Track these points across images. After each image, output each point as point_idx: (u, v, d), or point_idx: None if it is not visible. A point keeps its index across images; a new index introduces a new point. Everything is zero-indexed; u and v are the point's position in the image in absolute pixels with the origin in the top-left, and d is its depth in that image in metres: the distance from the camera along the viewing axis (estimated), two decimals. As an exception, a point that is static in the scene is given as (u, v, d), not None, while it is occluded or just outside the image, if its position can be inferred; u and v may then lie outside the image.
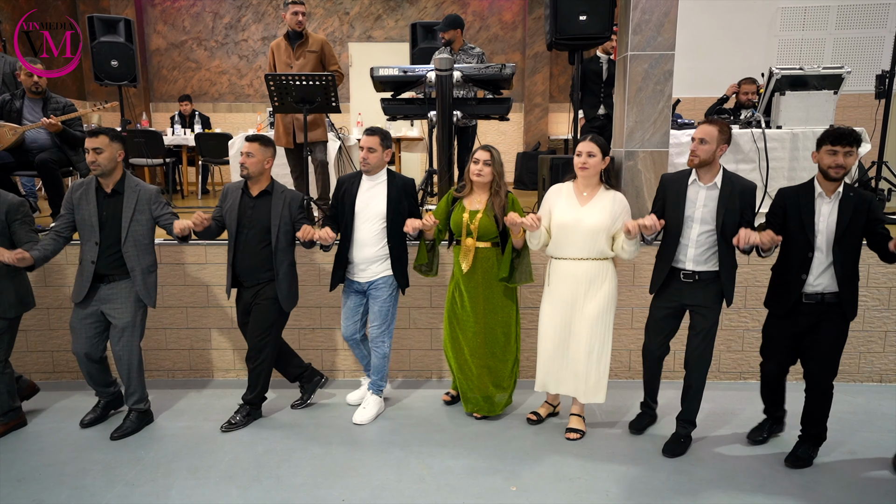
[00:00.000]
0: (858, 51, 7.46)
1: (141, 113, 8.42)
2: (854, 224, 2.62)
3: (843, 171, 2.60)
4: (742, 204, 2.76)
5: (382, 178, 3.23)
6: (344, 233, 3.24)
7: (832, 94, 4.32)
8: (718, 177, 2.80)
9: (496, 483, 2.76)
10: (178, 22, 9.00)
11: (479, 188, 3.16)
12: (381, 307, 3.27)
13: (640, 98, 3.87)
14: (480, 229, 3.11)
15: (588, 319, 2.98)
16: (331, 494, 2.68)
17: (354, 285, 3.30)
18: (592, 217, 2.91)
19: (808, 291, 2.71)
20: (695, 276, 2.83)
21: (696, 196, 2.82)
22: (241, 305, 3.30)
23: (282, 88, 4.04)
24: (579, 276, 2.97)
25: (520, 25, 9.04)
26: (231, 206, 3.19)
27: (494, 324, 3.22)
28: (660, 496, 2.66)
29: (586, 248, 2.94)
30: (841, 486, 2.73)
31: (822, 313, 2.71)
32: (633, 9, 3.78)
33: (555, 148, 8.89)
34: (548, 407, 3.39)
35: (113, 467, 2.90)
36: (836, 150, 2.59)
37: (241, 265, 3.19)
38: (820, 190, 2.68)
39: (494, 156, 3.12)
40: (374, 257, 3.21)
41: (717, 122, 2.79)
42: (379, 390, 3.43)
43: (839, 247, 2.64)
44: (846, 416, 3.34)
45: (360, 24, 9.01)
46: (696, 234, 2.80)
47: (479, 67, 4.16)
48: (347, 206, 3.21)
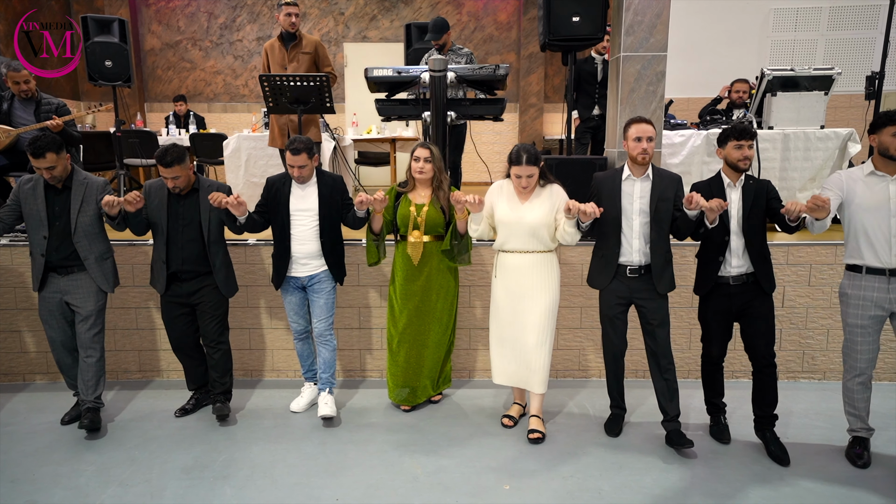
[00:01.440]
0: (850, 52, 7.52)
1: (135, 113, 8.40)
2: (757, 206, 2.88)
3: (749, 163, 2.88)
4: (673, 191, 2.96)
5: (313, 177, 3.37)
6: (281, 231, 3.35)
7: (823, 95, 4.36)
8: (649, 169, 2.99)
9: (489, 482, 2.78)
10: (173, 22, 8.99)
11: (422, 184, 3.33)
12: (327, 300, 3.40)
13: (632, 99, 3.90)
14: (428, 221, 3.27)
15: (536, 313, 3.08)
16: (325, 494, 2.70)
17: (294, 281, 3.39)
18: (532, 214, 3.04)
19: (733, 274, 2.91)
20: (640, 269, 2.98)
21: (633, 189, 2.98)
22: (175, 297, 3.34)
23: (276, 89, 4.05)
24: (525, 268, 3.10)
25: (514, 26, 9.07)
26: (158, 205, 3.27)
27: (432, 318, 3.39)
28: (650, 494, 2.68)
29: (530, 242, 3.08)
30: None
31: (750, 293, 2.92)
32: (625, 10, 3.81)
33: (549, 148, 8.91)
34: (518, 408, 3.41)
35: (107, 468, 2.91)
36: (742, 145, 2.86)
37: (175, 260, 3.27)
38: (728, 181, 2.93)
39: (434, 152, 3.30)
40: (313, 252, 3.34)
41: (649, 120, 2.99)
42: (332, 386, 3.48)
43: (748, 228, 2.88)
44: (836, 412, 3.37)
45: (355, 24, 9.02)
46: (638, 225, 2.97)
47: (473, 68, 4.17)
48: (282, 205, 3.32)
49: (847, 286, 2.86)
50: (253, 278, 3.92)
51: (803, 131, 4.42)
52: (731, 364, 3.95)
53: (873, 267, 2.74)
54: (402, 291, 3.38)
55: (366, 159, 7.55)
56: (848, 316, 2.85)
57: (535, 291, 3.09)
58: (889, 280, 2.72)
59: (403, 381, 3.46)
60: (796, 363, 3.93)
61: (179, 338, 3.42)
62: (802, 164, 4.46)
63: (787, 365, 3.93)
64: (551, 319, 3.12)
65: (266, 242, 3.91)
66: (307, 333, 3.52)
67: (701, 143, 4.49)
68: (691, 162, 4.51)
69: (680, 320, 3.85)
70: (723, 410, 3.20)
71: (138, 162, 6.33)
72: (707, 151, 4.48)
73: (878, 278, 2.74)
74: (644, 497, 2.66)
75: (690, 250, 3.78)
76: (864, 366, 2.84)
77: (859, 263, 2.78)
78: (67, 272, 3.22)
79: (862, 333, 2.81)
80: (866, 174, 2.75)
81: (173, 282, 3.31)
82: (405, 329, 3.39)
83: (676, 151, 4.52)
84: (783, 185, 4.40)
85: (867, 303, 2.78)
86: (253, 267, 3.92)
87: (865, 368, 2.84)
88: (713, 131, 4.50)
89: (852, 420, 2.95)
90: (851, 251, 2.82)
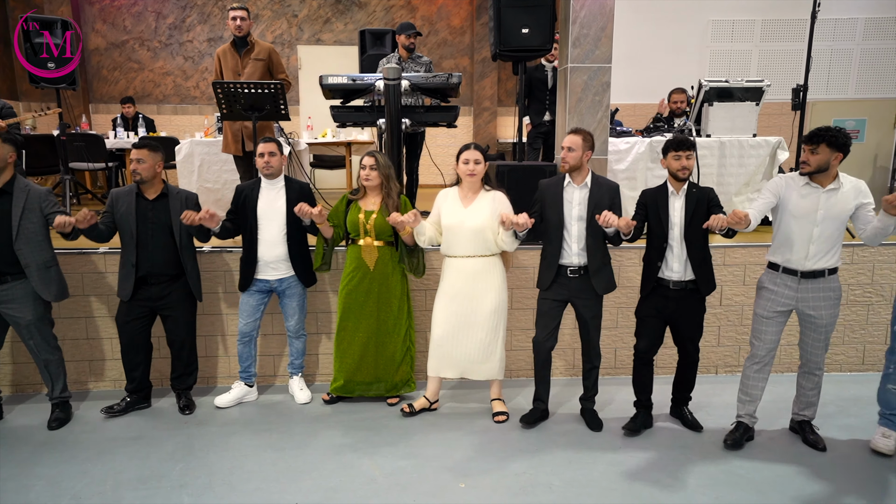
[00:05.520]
0: (781, 62, 7.98)
1: (80, 115, 8.13)
2: (698, 214, 3.03)
3: (688, 172, 3.05)
4: (610, 200, 3.14)
5: (281, 183, 3.53)
6: (250, 235, 3.50)
7: (754, 106, 4.65)
8: (588, 178, 3.18)
9: (445, 480, 2.87)
10: (119, 21, 8.74)
11: (371, 191, 3.47)
12: (299, 301, 3.63)
13: (580, 108, 4.07)
14: (377, 228, 3.40)
15: (485, 312, 3.28)
16: (284, 498, 2.73)
17: (260, 284, 3.54)
18: (474, 218, 3.21)
19: (673, 279, 3.09)
20: (579, 270, 3.16)
21: (573, 197, 3.17)
22: (141, 300, 3.42)
23: (230, 96, 4.04)
24: (468, 272, 3.27)
25: (468, 30, 9.21)
26: (126, 211, 3.34)
27: (387, 319, 3.52)
28: (598, 486, 2.83)
29: (472, 247, 3.25)
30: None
31: (685, 295, 3.12)
32: (572, 23, 3.97)
33: (503, 151, 9.09)
34: (424, 402, 3.57)
35: (58, 481, 2.87)
36: (680, 155, 3.04)
37: (145, 264, 3.35)
38: (672, 189, 3.11)
39: (379, 160, 3.42)
40: (283, 256, 3.49)
41: (582, 131, 3.17)
42: (302, 371, 3.83)
43: (689, 235, 3.05)
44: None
45: (309, 27, 8.97)
46: (576, 230, 3.16)
47: (426, 76, 4.26)
48: (250, 210, 3.48)
49: (765, 280, 3.09)
50: (209, 285, 3.91)
51: (738, 139, 4.69)
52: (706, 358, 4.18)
53: (789, 268, 2.97)
54: (354, 294, 3.49)
55: (321, 163, 7.55)
56: (758, 306, 3.11)
57: (482, 294, 3.28)
58: (799, 281, 2.96)
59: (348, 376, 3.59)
60: (733, 357, 4.18)
61: (132, 340, 3.46)
62: (738, 171, 4.74)
63: (725, 359, 4.18)
64: (501, 317, 3.34)
65: (221, 249, 3.91)
66: (251, 337, 3.65)
67: (645, 149, 4.70)
68: (636, 168, 4.73)
69: (628, 319, 4.05)
70: (647, 408, 3.38)
71: (84, 166, 6.15)
72: (651, 158, 4.70)
73: (790, 278, 2.98)
74: (592, 489, 2.81)
75: (636, 252, 3.99)
76: (763, 353, 3.09)
77: (778, 262, 3.01)
78: (3, 280, 3.19)
79: (767, 324, 3.06)
80: (802, 184, 2.93)
81: (141, 286, 3.38)
82: (355, 330, 3.51)
83: (622, 158, 4.72)
84: (720, 189, 4.66)
85: (778, 297, 3.02)
86: (208, 274, 3.90)
87: (764, 357, 3.10)
88: (656, 139, 4.73)
89: (740, 406, 3.21)
90: (774, 250, 3.04)
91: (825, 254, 2.91)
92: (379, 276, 3.47)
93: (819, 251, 2.91)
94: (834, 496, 2.73)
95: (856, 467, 2.97)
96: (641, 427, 3.31)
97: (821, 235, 2.88)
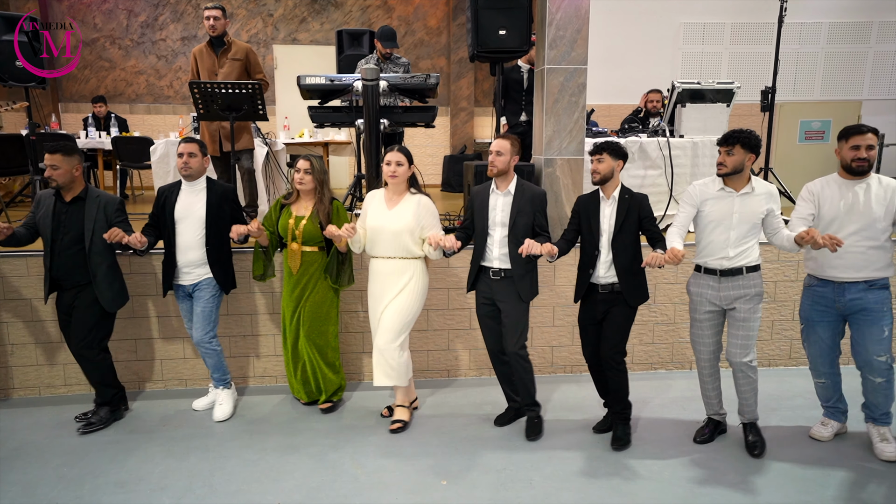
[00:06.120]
0: (750, 65, 8.18)
1: (49, 114, 7.95)
2: (629, 221, 3.02)
3: (598, 176, 3.02)
4: (533, 208, 3.12)
5: (202, 185, 3.40)
6: (167, 240, 3.40)
7: (725, 107, 4.77)
8: (512, 185, 3.16)
9: (427, 478, 2.90)
10: (89, 19, 8.56)
11: (305, 195, 3.40)
12: (203, 308, 3.41)
13: (556, 109, 4.13)
14: (305, 234, 3.34)
15: (390, 311, 3.23)
16: (265, 499, 2.73)
17: (181, 290, 3.46)
18: (397, 221, 3.20)
19: (601, 283, 3.07)
20: (501, 273, 3.15)
21: (496, 203, 3.17)
22: (61, 307, 3.37)
23: (207, 96, 4.01)
24: (387, 273, 3.25)
25: (445, 31, 9.24)
26: (44, 214, 3.27)
27: (318, 322, 3.45)
28: (576, 481, 2.89)
29: (393, 248, 3.22)
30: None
31: (613, 301, 3.08)
32: (548, 25, 4.03)
33: (480, 151, 9.14)
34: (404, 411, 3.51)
35: (33, 486, 2.82)
36: (593, 160, 3.04)
37: (57, 269, 3.26)
38: (603, 195, 3.08)
39: (315, 165, 3.35)
40: (197, 261, 3.37)
41: (510, 136, 3.18)
42: (227, 384, 3.61)
43: (618, 242, 3.02)
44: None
45: (285, 26, 8.91)
46: (499, 236, 3.15)
47: (404, 77, 4.29)
48: (168, 212, 3.38)
49: (691, 283, 3.13)
50: (139, 289, 3.82)
51: (710, 139, 4.81)
52: (650, 357, 4.27)
53: (709, 268, 3.01)
54: (286, 297, 3.49)
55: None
56: (692, 310, 3.15)
57: (394, 294, 3.23)
58: (720, 280, 2.98)
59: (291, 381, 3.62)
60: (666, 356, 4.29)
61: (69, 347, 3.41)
62: (710, 170, 4.83)
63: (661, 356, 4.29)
64: (407, 320, 3.25)
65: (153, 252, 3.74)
66: None
67: (620, 149, 4.79)
68: (611, 167, 4.81)
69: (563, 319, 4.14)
70: None
71: (55, 166, 6.01)
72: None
73: (711, 278, 3.01)
74: (571, 483, 2.86)
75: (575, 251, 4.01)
76: (705, 357, 3.14)
77: (700, 264, 3.06)
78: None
79: (700, 327, 3.10)
80: (717, 190, 2.97)
81: (56, 290, 3.32)
82: (289, 334, 3.52)
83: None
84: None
85: (703, 299, 3.05)
86: (138, 277, 3.82)
87: (707, 360, 3.14)
88: (631, 139, 4.82)
89: (706, 405, 3.28)
90: (698, 252, 3.08)
91: (743, 253, 2.94)
92: (306, 282, 3.40)
93: (736, 251, 2.93)
94: (803, 484, 2.83)
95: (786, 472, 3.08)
96: (611, 427, 3.33)
97: (737, 237, 2.92)
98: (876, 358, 2.96)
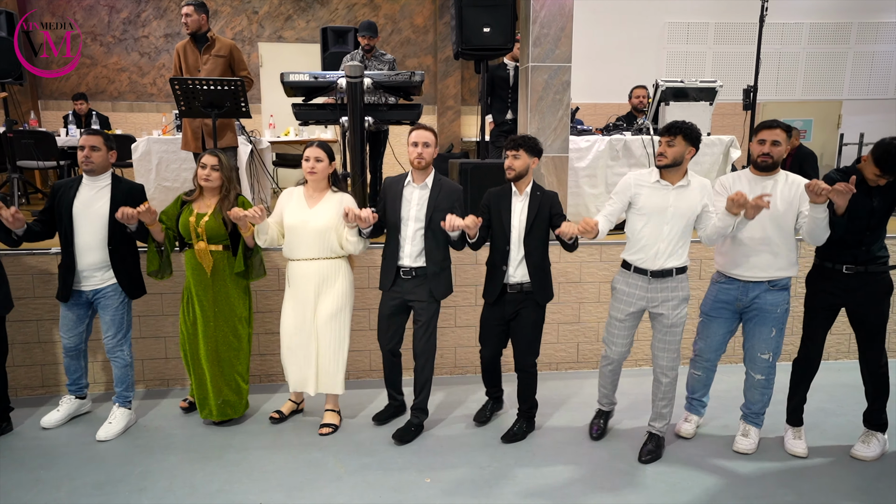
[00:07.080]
0: (733, 64, 8.26)
1: (28, 111, 7.83)
2: (540, 218, 2.98)
3: (512, 172, 2.96)
4: (450, 204, 3.03)
5: (106, 181, 3.17)
6: (64, 239, 3.14)
7: (708, 105, 4.81)
8: (430, 178, 3.08)
9: (411, 476, 2.89)
10: (69, 15, 8.43)
11: (209, 192, 3.17)
12: (114, 316, 3.20)
13: (541, 107, 4.13)
14: (208, 231, 3.11)
15: (324, 317, 3.14)
16: (248, 498, 2.71)
17: (78, 296, 3.18)
18: (319, 219, 3.08)
19: (510, 282, 3.02)
20: (412, 272, 3.07)
21: (412, 196, 3.07)
22: None
23: (188, 93, 3.96)
24: (311, 275, 3.12)
25: (431, 29, 9.22)
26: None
27: (227, 327, 3.23)
28: (560, 477, 2.89)
29: (316, 248, 3.10)
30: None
31: (523, 301, 3.04)
32: (532, 23, 4.03)
33: (467, 149, 9.14)
34: (291, 405, 3.50)
35: (8, 490, 2.77)
36: (508, 155, 2.96)
37: None
38: (514, 189, 3.03)
39: (223, 161, 3.15)
40: (99, 263, 3.14)
41: (432, 129, 3.08)
42: (127, 402, 3.35)
43: (529, 240, 2.98)
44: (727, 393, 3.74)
45: (270, 24, 8.85)
46: (411, 231, 3.05)
47: (389, 74, 4.27)
48: (65, 210, 3.10)
49: (618, 280, 3.04)
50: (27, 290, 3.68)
51: (693, 138, 4.84)
52: (596, 355, 4.28)
53: (640, 267, 2.92)
54: (196, 300, 3.20)
55: (284, 161, 7.44)
56: (612, 308, 3.06)
57: (324, 297, 3.14)
58: (649, 280, 2.91)
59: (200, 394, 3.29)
60: None
61: None
62: (693, 168, 4.86)
63: None
64: (343, 324, 3.18)
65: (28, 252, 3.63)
66: (79, 350, 3.32)
67: (605, 147, 4.81)
68: (597, 165, 4.83)
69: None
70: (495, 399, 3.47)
71: (34, 164, 5.92)
72: (610, 156, 4.81)
73: (641, 277, 2.93)
74: (555, 480, 2.87)
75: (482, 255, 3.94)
76: (615, 357, 3.10)
77: (631, 261, 2.96)
78: None
79: (619, 327, 3.03)
80: (652, 181, 2.89)
81: None
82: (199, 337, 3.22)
83: (583, 156, 4.81)
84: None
85: (630, 299, 2.97)
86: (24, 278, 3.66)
87: (617, 360, 3.11)
88: (616, 137, 4.84)
89: (600, 396, 3.28)
90: (627, 248, 3.00)
91: (673, 252, 2.87)
92: (214, 284, 3.17)
93: (668, 249, 2.86)
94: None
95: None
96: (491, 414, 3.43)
97: (670, 233, 2.85)
98: (759, 355, 3.03)
